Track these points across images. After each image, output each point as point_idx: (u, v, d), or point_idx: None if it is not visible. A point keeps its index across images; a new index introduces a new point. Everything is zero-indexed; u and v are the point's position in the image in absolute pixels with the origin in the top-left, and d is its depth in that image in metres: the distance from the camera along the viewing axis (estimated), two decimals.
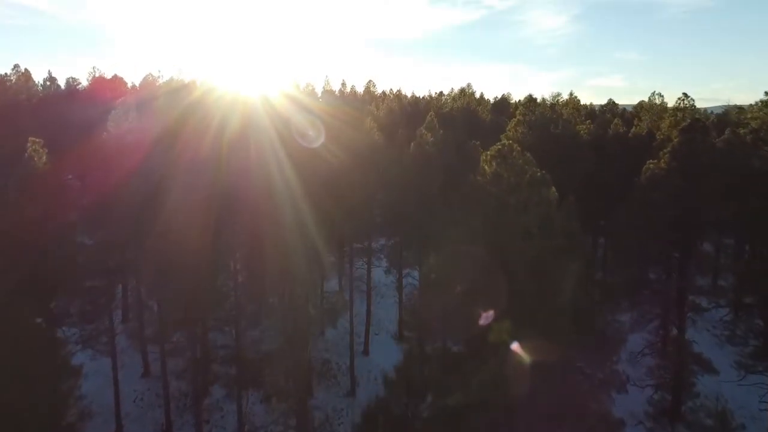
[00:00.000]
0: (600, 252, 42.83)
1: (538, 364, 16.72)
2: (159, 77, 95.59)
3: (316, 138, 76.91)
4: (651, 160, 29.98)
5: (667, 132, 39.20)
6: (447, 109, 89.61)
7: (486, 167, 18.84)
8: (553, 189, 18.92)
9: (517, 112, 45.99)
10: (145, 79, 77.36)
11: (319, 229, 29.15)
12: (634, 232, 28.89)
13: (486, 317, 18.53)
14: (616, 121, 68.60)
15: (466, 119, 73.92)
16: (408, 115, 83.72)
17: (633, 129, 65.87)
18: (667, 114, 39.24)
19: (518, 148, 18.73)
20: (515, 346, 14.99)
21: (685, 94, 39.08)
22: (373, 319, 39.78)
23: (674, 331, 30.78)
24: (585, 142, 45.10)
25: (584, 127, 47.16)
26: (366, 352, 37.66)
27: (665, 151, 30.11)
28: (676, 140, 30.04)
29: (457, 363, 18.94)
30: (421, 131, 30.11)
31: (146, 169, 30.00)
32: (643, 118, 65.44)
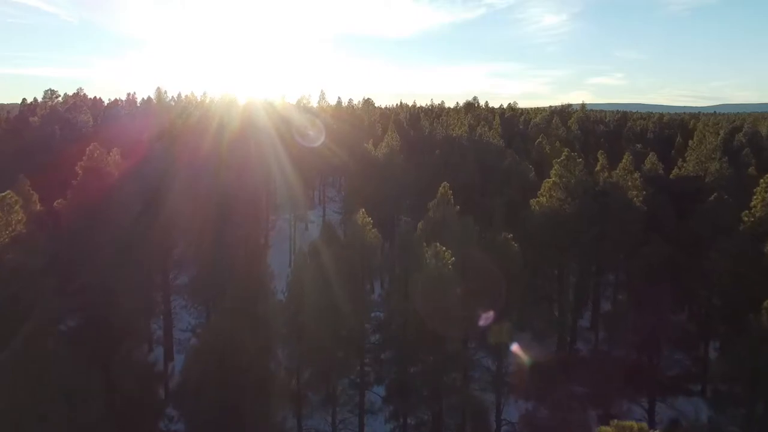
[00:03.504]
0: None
1: None
2: (135, 96, 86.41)
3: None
4: None
5: (759, 211, 29.59)
6: (455, 134, 79.94)
7: None
8: None
9: (552, 171, 36.48)
10: (112, 103, 67.95)
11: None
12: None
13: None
14: (651, 158, 59.04)
15: (478, 153, 64.26)
16: (410, 145, 74.18)
17: (676, 170, 56.55)
18: (759, 189, 29.55)
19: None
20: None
21: None
22: None
23: None
24: (642, 217, 35.70)
25: (636, 193, 37.61)
26: None
27: None
28: None
29: None
30: (435, 248, 20.61)
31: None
32: (688, 159, 55.96)
